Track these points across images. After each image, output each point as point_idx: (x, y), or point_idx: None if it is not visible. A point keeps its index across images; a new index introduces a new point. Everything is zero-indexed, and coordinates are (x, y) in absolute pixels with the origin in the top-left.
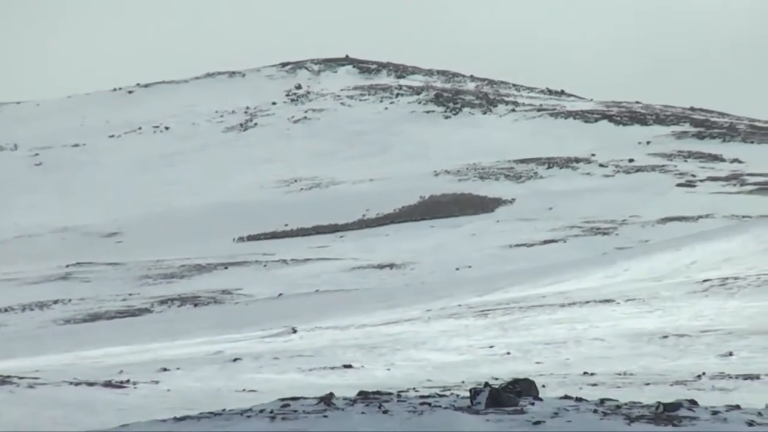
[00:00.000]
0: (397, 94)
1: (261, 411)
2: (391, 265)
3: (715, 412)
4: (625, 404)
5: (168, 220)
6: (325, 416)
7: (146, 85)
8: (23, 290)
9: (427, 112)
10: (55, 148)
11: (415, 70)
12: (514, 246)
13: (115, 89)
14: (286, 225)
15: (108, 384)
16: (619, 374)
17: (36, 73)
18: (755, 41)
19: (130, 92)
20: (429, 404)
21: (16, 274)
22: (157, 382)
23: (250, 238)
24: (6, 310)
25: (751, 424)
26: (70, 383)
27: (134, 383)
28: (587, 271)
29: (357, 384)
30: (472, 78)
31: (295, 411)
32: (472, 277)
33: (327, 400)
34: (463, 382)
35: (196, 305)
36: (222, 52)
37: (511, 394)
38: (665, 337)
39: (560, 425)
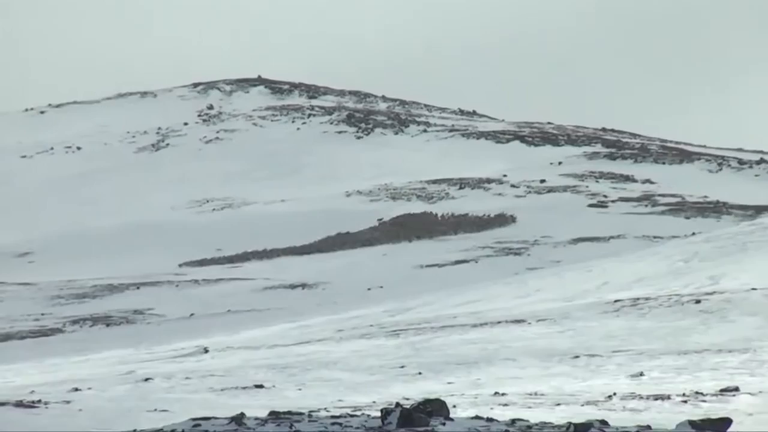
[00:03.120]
0: (309, 115)
1: (172, 431)
2: (303, 285)
3: None
4: (536, 424)
5: (80, 240)
6: None
7: (58, 106)
8: None
9: (339, 132)
10: None
11: (327, 91)
12: (426, 266)
13: (26, 110)
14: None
15: (19, 404)
16: (530, 394)
17: None
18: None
19: (42, 113)
20: (340, 424)
21: None
22: (68, 402)
23: (194, 263)
24: None
25: None
26: None
27: (45, 403)
28: (499, 291)
29: (268, 404)
30: (384, 98)
31: (206, 431)
32: (384, 296)
33: (238, 419)
34: (374, 402)
35: (108, 325)
36: (133, 73)
37: (422, 414)
38: (576, 357)
39: None
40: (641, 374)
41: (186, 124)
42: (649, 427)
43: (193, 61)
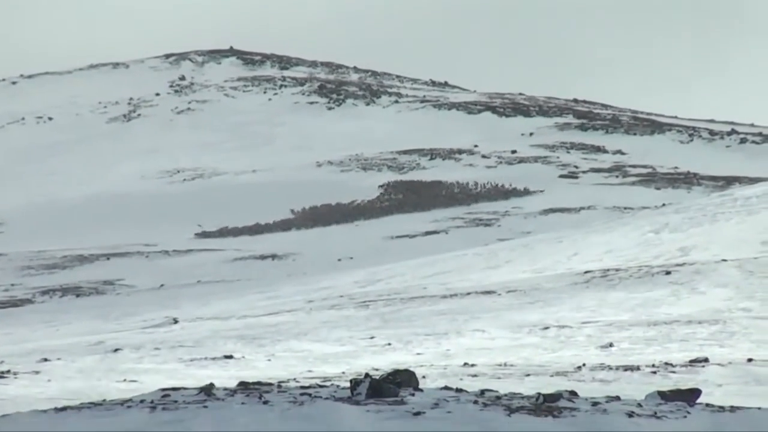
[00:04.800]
0: (281, 86)
1: (141, 401)
2: (273, 256)
3: (595, 403)
4: (506, 395)
5: (50, 211)
6: (205, 406)
7: (30, 76)
8: None
9: (311, 103)
10: None
11: (298, 62)
12: (396, 237)
13: None
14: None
15: None
16: (500, 365)
17: None
18: (639, 32)
19: (13, 83)
20: (309, 395)
21: None
22: (37, 373)
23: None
24: None
25: (630, 415)
26: None
27: (15, 373)
28: (469, 262)
29: (238, 374)
30: (356, 69)
31: (176, 401)
32: (354, 268)
33: (207, 390)
34: (343, 372)
35: (78, 296)
36: (105, 44)
37: (391, 385)
38: (546, 328)
39: (440, 416)
40: (611, 345)
41: (158, 94)
42: (618, 397)
43: (165, 32)
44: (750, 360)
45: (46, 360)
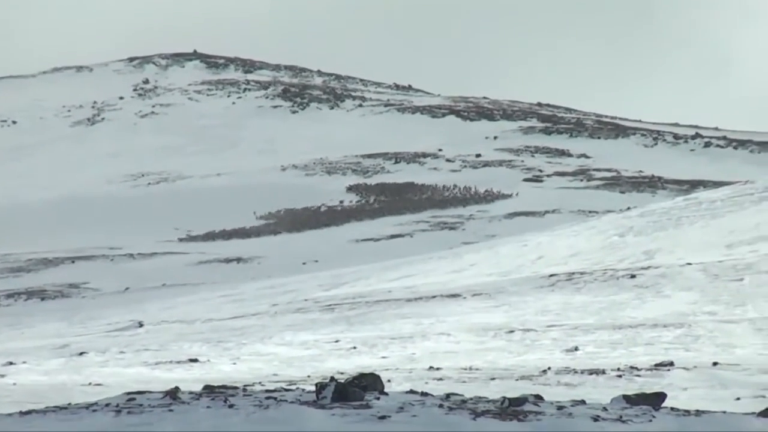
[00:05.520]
0: (245, 89)
1: (107, 405)
2: (238, 259)
3: (560, 407)
4: (471, 399)
5: (15, 214)
6: (170, 410)
7: None
8: None
9: (275, 107)
10: None
11: (262, 65)
12: (361, 241)
13: None
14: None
15: None
16: (465, 369)
17: None
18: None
19: None
20: (275, 398)
21: None
22: (3, 376)
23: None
24: None
25: (596, 419)
26: None
27: None
28: (434, 265)
29: (203, 378)
30: (320, 73)
31: (141, 405)
32: (319, 271)
33: (173, 394)
34: (309, 376)
35: (43, 299)
36: (69, 47)
37: (356, 389)
38: (511, 331)
39: (405, 420)
40: (576, 349)
41: (121, 98)
42: (583, 401)
43: (129, 36)
44: (715, 363)
45: (11, 363)
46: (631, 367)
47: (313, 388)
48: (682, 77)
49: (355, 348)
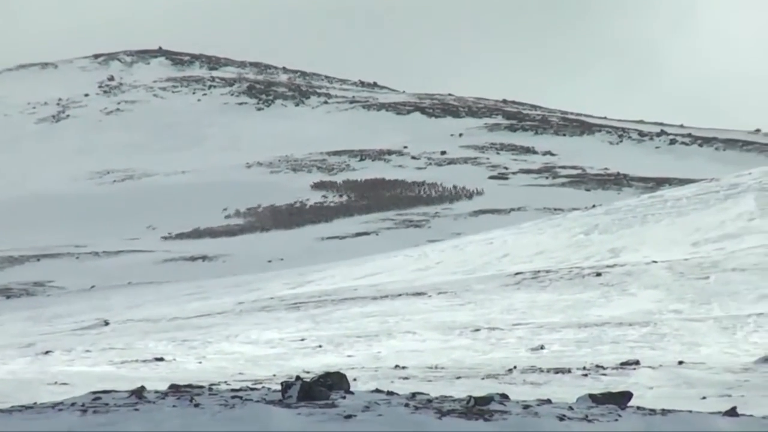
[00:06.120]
0: (210, 86)
1: (72, 404)
2: (204, 257)
3: (526, 406)
4: (437, 398)
5: None
6: (136, 409)
7: None
8: None
9: (240, 104)
10: None
11: (227, 62)
12: (326, 239)
13: None
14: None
15: None
16: (431, 368)
17: None
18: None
19: None
20: (240, 397)
21: None
22: None
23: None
24: None
25: (561, 418)
26: None
27: None
28: (399, 263)
29: (169, 377)
30: (285, 70)
31: (107, 404)
32: (285, 269)
33: (138, 393)
34: (274, 375)
35: (8, 297)
36: (34, 44)
37: (322, 388)
38: (477, 330)
39: (371, 419)
40: (542, 347)
41: (87, 95)
42: (549, 400)
43: (94, 32)
44: (681, 362)
45: None
46: (597, 366)
47: (279, 387)
48: (649, 74)
49: (320, 346)
